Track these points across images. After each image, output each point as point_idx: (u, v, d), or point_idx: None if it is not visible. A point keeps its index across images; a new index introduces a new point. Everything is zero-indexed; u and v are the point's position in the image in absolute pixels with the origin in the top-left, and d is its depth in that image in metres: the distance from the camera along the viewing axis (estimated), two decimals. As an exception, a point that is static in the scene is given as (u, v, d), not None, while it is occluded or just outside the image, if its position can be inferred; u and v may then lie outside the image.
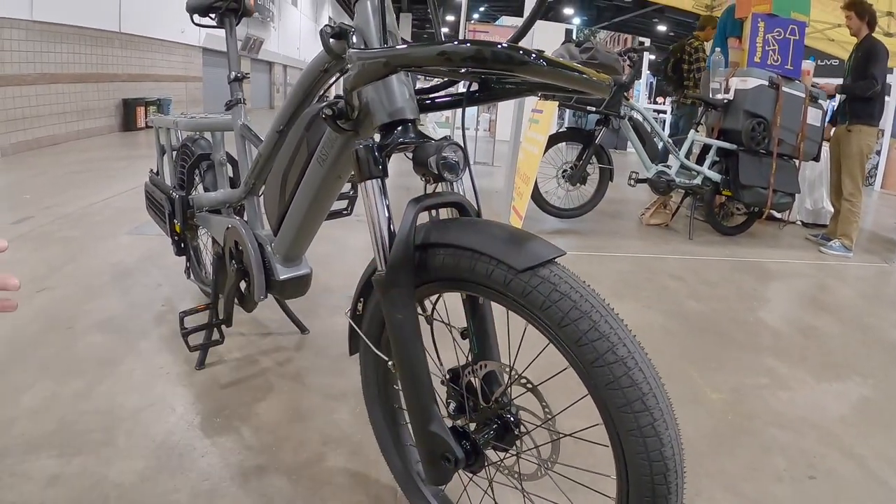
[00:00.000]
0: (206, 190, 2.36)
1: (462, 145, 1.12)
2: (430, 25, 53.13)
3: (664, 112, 14.67)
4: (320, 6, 38.48)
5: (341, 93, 1.20)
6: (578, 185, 5.01)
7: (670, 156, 5.18)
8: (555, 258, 0.97)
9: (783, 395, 2.39)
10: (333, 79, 1.45)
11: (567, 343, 0.92)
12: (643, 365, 0.91)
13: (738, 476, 1.81)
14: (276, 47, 27.46)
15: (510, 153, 4.63)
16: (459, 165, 1.11)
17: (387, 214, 1.11)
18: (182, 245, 2.43)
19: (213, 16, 2.20)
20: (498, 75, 1.07)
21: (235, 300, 2.04)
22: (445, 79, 1.19)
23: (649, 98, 18.41)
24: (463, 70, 0.96)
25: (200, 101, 20.15)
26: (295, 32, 31.14)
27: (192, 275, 2.71)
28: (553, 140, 4.73)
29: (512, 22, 13.94)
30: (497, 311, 1.15)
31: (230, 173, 2.29)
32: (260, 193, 1.92)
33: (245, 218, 2.03)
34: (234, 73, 2.06)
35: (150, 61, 16.64)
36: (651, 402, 0.89)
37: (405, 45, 1.05)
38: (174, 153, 2.63)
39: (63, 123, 12.76)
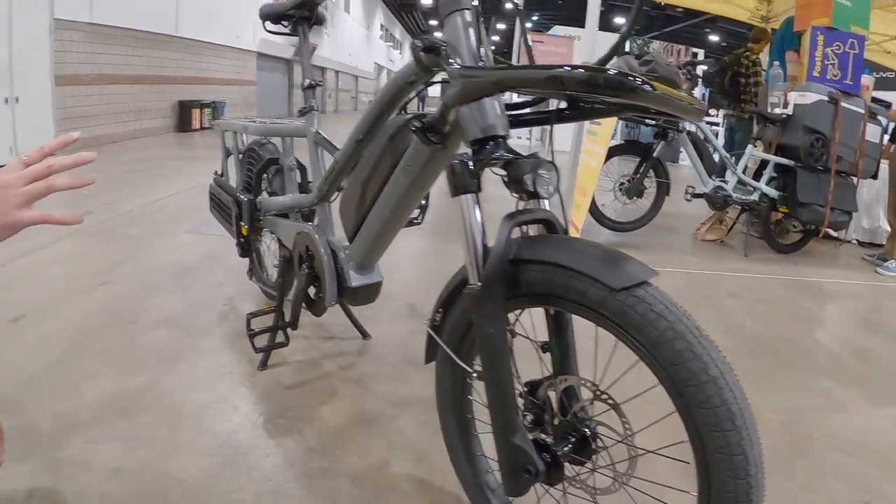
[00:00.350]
0: (273, 194, 2.40)
1: (555, 164, 1.13)
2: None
3: (717, 125, 14.50)
4: (372, 13, 38.84)
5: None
6: (635, 198, 4.97)
7: (727, 171, 5.12)
8: (649, 279, 0.99)
9: (839, 417, 2.35)
10: (415, 91, 1.46)
11: (661, 362, 0.94)
12: (733, 385, 0.92)
13: (796, 497, 1.79)
14: (329, 53, 27.77)
15: (570, 165, 4.62)
16: (553, 184, 1.13)
17: (481, 229, 1.13)
18: (246, 247, 2.47)
19: (285, 23, 2.24)
20: (589, 96, 1.08)
21: (303, 304, 2.07)
22: (533, 97, 1.20)
23: (703, 110, 18.18)
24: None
25: (254, 104, 20.47)
26: (347, 39, 31.45)
27: (254, 276, 2.75)
28: (611, 153, 4.71)
29: (565, 32, 13.87)
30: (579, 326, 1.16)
31: (298, 178, 2.33)
32: (332, 200, 1.95)
33: (315, 223, 2.06)
34: (307, 81, 2.10)
35: (205, 65, 16.95)
36: (739, 421, 0.91)
37: (514, 66, 1.07)
38: (240, 156, 2.68)
39: (120, 123, 13.06)
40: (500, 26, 43.35)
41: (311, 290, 1.97)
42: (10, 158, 10.30)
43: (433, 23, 49.89)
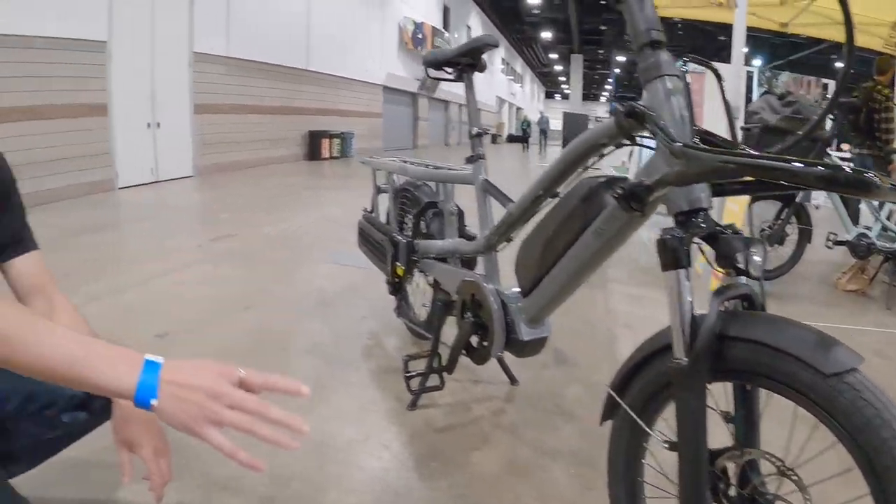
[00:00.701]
0: (428, 236, 2.44)
1: (764, 242, 1.13)
2: (600, 66, 52.86)
3: (850, 161, 13.80)
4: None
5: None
6: (776, 245, 4.78)
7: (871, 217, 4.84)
8: (858, 366, 0.98)
9: None
10: (599, 155, 1.47)
11: (864, 448, 0.94)
12: None
13: None
14: (452, 86, 28.17)
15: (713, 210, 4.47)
16: (763, 264, 1.13)
17: (691, 304, 1.12)
18: (398, 286, 2.52)
19: (448, 69, 2.28)
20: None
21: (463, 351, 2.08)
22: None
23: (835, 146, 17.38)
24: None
25: (380, 136, 21.06)
26: (469, 72, 31.89)
27: (401, 314, 2.80)
28: (753, 197, 4.54)
29: (693, 66, 13.57)
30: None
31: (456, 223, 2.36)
32: (499, 249, 1.97)
33: (482, 272, 2.08)
34: (475, 129, 2.13)
35: (334, 97, 17.59)
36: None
37: (737, 152, 1.06)
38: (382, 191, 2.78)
39: (254, 150, 13.70)
40: (621, 58, 42.89)
41: (473, 338, 1.99)
42: (151, 178, 10.99)
43: (553, 56, 50.00)
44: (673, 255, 1.13)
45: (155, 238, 5.50)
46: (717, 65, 1.60)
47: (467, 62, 2.22)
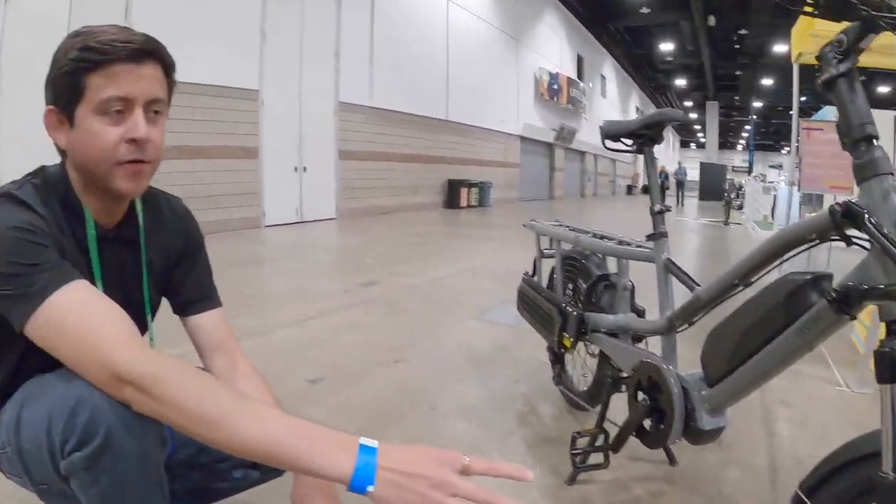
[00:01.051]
0: (597, 309, 2.39)
1: None
2: (736, 113, 51.27)
3: None
4: (627, 96, 39.11)
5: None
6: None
7: None
8: None
9: None
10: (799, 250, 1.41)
11: None
12: None
13: None
14: (588, 137, 28.23)
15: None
16: None
17: None
18: (561, 356, 2.47)
19: (626, 141, 2.25)
20: None
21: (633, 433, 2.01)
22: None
23: None
24: None
25: (517, 185, 21.26)
26: (604, 123, 31.78)
27: (561, 383, 2.75)
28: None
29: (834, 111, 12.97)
30: None
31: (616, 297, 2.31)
32: (679, 331, 1.90)
33: (649, 348, 2.02)
34: (658, 206, 2.08)
35: (472, 147, 17.94)
36: None
37: None
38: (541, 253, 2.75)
39: (394, 196, 14.13)
40: (757, 104, 41.37)
41: (646, 421, 1.92)
42: (295, 218, 11.48)
43: (688, 103, 48.90)
44: (891, 369, 1.07)
45: (303, 278, 5.72)
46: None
47: (648, 135, 2.18)
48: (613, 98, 35.29)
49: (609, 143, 2.31)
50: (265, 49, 10.68)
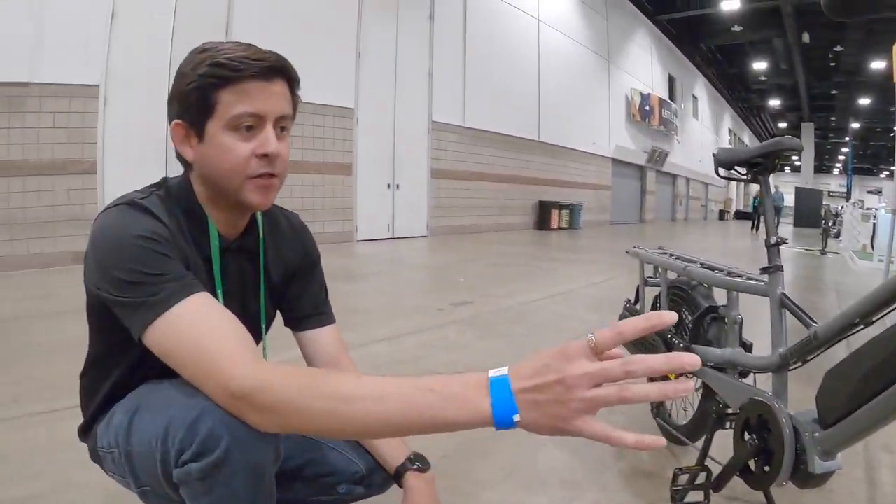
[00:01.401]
0: (704, 342, 2.32)
1: None
2: (833, 135, 49.11)
3: None
4: (720, 117, 38.18)
5: None
6: None
7: None
8: None
9: None
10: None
11: None
12: None
13: None
14: (680, 159, 27.68)
15: None
16: None
17: None
18: (662, 388, 2.40)
19: (740, 170, 2.18)
20: None
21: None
22: None
23: None
24: None
25: (608, 209, 21.00)
26: (697, 145, 31.18)
27: (658, 415, 2.68)
28: None
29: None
30: None
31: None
32: (791, 368, 1.83)
33: (770, 391, 1.94)
34: (773, 238, 2.00)
35: (564, 168, 17.89)
36: None
37: None
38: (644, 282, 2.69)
39: (485, 216, 14.20)
40: (854, 125, 39.54)
41: (752, 461, 1.84)
42: (387, 234, 11.66)
43: (782, 125, 47.15)
44: None
45: (396, 294, 5.79)
46: None
47: (763, 164, 2.11)
48: (706, 119, 34.43)
49: (723, 172, 2.25)
50: (361, 68, 10.97)
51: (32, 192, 7.10)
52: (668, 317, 0.79)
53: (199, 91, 1.14)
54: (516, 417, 0.83)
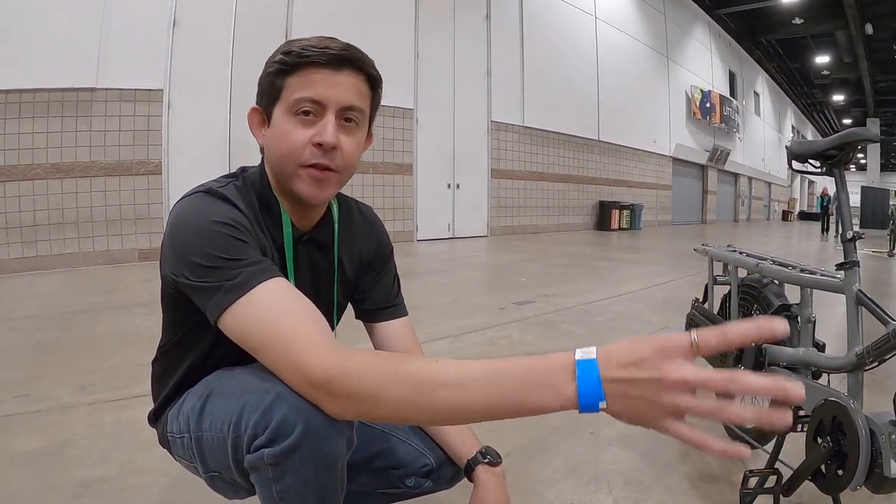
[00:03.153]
0: (776, 342, 2.25)
1: None
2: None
3: None
4: (782, 114, 37.14)
5: None
6: None
7: None
8: None
9: None
10: None
11: None
12: None
13: None
14: (742, 158, 27.05)
15: None
16: None
17: None
18: (731, 389, 2.34)
19: (815, 163, 2.11)
20: None
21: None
22: None
23: None
24: None
25: (669, 209, 20.67)
26: (759, 143, 30.41)
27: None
28: None
29: None
30: None
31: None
32: (868, 368, 1.76)
33: (846, 393, 1.87)
34: (849, 233, 1.93)
35: (624, 168, 17.70)
36: None
37: None
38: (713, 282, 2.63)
39: (545, 216, 14.15)
40: None
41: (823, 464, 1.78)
42: (447, 234, 11.69)
43: (846, 121, 45.42)
44: None
45: (458, 293, 5.80)
46: None
47: (841, 157, 2.03)
48: (768, 116, 33.48)
49: (796, 165, 2.19)
50: (419, 69, 11.03)
51: (99, 192, 7.42)
52: (780, 327, 0.75)
53: (270, 77, 1.17)
54: (602, 405, 0.80)
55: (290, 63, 1.14)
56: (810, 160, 2.12)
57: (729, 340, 0.76)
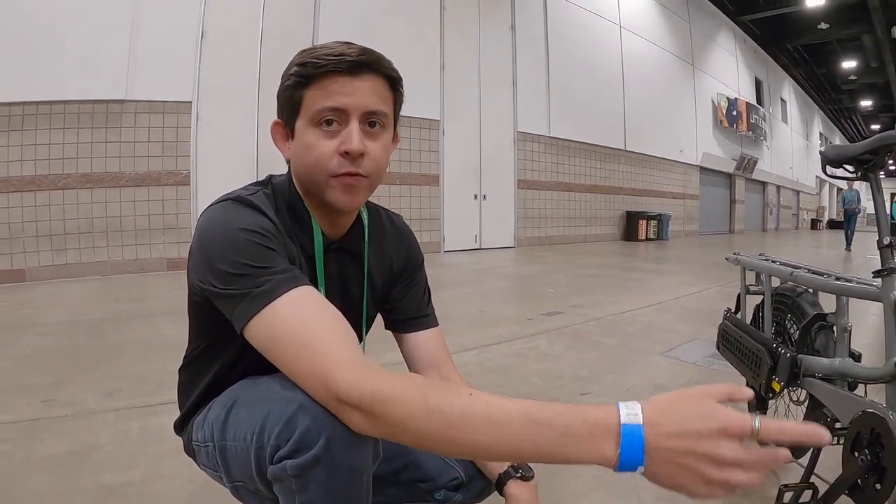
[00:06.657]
0: (810, 351, 2.20)
1: None
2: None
3: None
4: (810, 121, 36.68)
5: None
6: None
7: None
8: None
9: None
10: None
11: None
12: None
13: None
14: (769, 166, 26.74)
15: None
16: None
17: None
18: (766, 401, 2.31)
19: (849, 168, 2.07)
20: None
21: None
22: None
23: None
24: None
25: (696, 218, 20.49)
26: (787, 150, 30.02)
27: (761, 429, 2.56)
28: None
29: None
30: None
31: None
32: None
33: (884, 404, 1.82)
34: (887, 239, 1.88)
35: (651, 178, 17.59)
36: None
37: None
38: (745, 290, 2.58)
39: (571, 226, 14.10)
40: None
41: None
42: (474, 245, 11.67)
43: (875, 127, 44.57)
44: None
45: (485, 303, 5.79)
46: None
47: (874, 160, 1.99)
48: (796, 123, 33.01)
49: (830, 170, 2.14)
50: (445, 80, 11.05)
51: (129, 202, 7.53)
52: (828, 437, 0.80)
53: (289, 90, 1.16)
54: (641, 469, 0.80)
55: (305, 75, 1.13)
56: (845, 165, 2.08)
57: (786, 435, 0.79)
